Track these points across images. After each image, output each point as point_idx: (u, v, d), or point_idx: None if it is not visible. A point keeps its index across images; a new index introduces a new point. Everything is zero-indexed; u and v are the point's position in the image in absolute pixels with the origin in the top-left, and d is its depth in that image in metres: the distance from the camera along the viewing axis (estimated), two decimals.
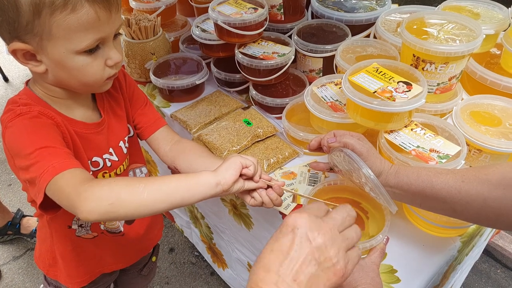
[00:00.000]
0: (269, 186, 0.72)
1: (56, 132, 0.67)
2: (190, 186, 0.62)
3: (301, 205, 0.87)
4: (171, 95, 1.21)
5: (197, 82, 1.18)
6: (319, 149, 0.81)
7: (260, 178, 0.70)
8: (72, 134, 0.71)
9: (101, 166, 0.78)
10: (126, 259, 0.99)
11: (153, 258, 1.11)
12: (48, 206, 0.63)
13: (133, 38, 1.22)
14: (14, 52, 0.62)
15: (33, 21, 0.58)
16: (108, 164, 0.79)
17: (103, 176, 0.79)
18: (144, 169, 0.92)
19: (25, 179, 0.64)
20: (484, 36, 0.84)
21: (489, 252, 1.71)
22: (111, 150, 0.79)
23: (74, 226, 0.83)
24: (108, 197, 0.57)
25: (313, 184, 0.92)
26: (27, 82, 0.73)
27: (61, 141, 0.66)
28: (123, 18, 1.24)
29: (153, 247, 1.08)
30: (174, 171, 0.84)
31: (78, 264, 0.89)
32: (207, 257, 1.54)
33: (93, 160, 0.76)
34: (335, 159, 0.78)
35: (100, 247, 0.89)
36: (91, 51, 0.64)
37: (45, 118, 0.66)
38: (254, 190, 0.71)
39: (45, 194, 0.60)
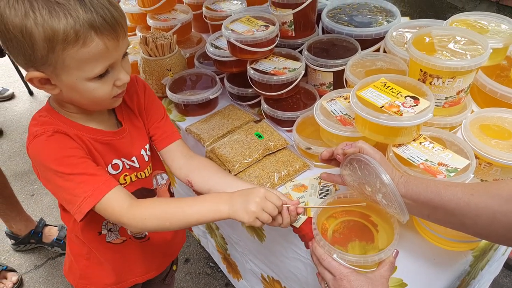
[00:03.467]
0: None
1: (76, 146, 0.72)
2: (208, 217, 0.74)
3: (311, 217, 0.88)
4: (186, 109, 1.25)
5: (211, 97, 1.22)
6: (330, 160, 0.82)
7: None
8: (90, 143, 0.76)
9: (120, 168, 0.82)
10: (156, 266, 1.01)
11: (174, 267, 1.13)
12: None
13: (150, 55, 1.27)
14: (30, 80, 0.68)
15: (47, 55, 0.63)
16: (127, 166, 0.83)
17: (124, 180, 0.83)
18: (165, 175, 0.96)
19: (58, 193, 0.73)
20: (491, 50, 0.84)
21: (511, 267, 1.66)
22: (133, 158, 0.84)
23: (104, 231, 0.87)
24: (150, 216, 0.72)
25: (323, 197, 0.93)
26: (49, 98, 0.79)
27: (85, 155, 0.73)
28: (141, 36, 1.30)
29: (179, 251, 1.10)
30: (188, 184, 0.87)
31: (112, 270, 0.93)
32: (223, 267, 1.55)
33: (113, 163, 0.81)
34: (346, 171, 0.80)
35: (130, 253, 0.93)
36: (101, 76, 0.69)
37: (59, 135, 0.71)
38: None
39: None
